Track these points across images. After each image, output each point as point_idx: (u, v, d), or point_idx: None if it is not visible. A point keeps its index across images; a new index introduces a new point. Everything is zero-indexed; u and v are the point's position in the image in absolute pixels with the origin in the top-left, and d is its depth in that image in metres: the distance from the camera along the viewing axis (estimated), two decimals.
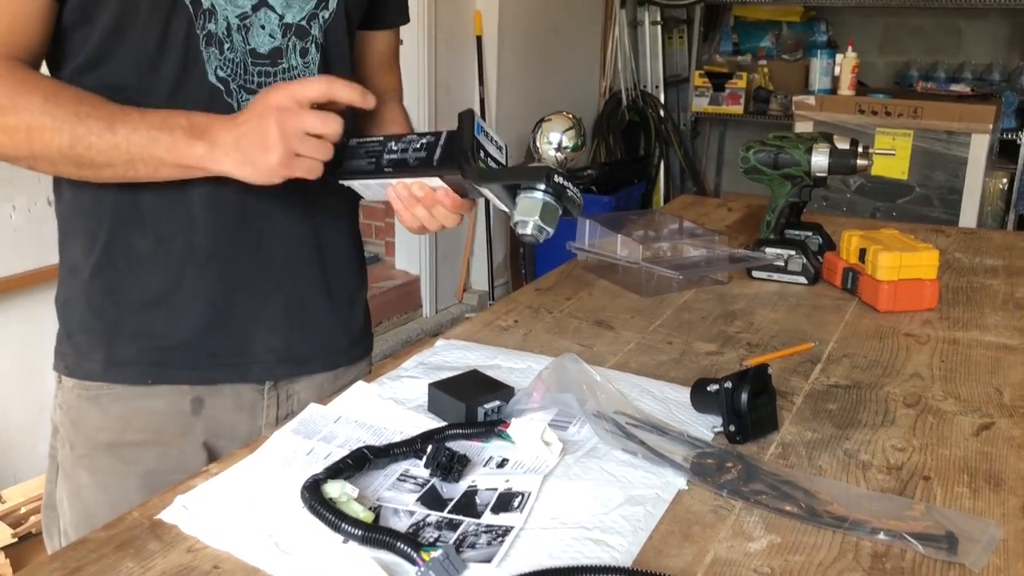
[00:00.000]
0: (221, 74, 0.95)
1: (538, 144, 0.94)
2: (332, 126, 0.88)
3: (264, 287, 1.04)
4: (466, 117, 0.91)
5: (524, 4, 4.01)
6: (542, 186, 0.87)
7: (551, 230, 0.88)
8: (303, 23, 0.98)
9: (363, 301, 1.18)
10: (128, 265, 0.99)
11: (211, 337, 1.02)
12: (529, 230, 0.87)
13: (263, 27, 0.95)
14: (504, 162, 0.94)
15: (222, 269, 1.01)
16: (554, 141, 0.92)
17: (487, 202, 0.88)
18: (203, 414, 1.04)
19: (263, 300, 1.04)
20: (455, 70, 3.79)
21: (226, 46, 0.94)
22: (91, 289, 1.01)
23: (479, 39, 3.85)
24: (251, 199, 0.98)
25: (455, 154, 0.90)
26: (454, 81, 3.79)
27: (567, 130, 0.91)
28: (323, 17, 1.00)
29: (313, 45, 1.00)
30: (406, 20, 1.18)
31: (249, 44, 0.95)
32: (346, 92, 0.89)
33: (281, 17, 0.96)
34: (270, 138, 0.86)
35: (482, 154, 0.90)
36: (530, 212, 0.87)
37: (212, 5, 0.92)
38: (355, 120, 1.07)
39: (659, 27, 4.82)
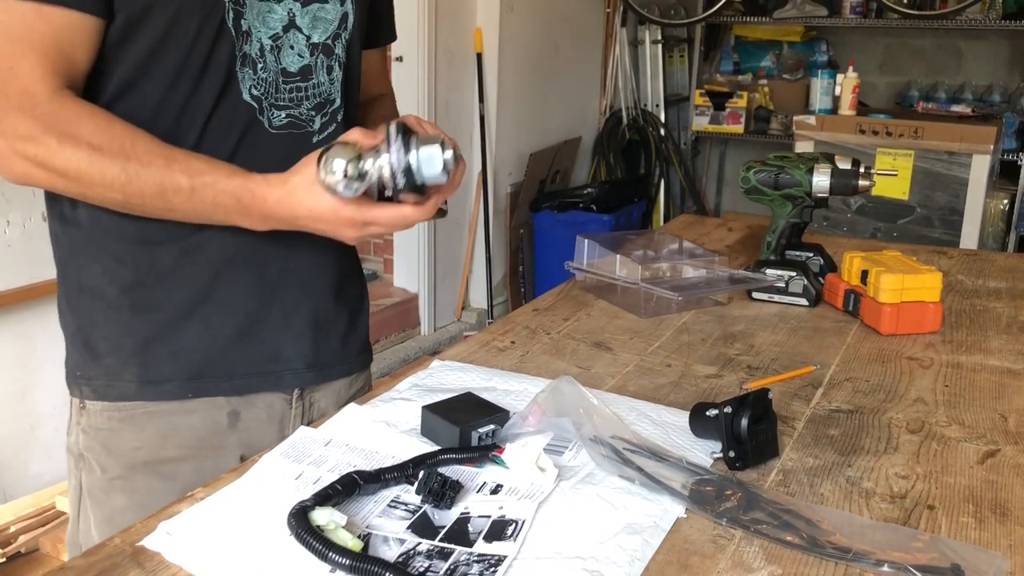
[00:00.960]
0: (255, 92, 0.97)
1: (322, 173, 0.94)
2: (406, 226, 0.94)
3: (293, 295, 1.06)
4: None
5: (525, 22, 4.02)
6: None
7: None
8: (328, 42, 1.02)
9: (367, 310, 1.22)
10: (157, 281, 1.00)
11: (245, 347, 1.04)
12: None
13: (292, 47, 0.99)
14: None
15: (253, 278, 1.03)
16: (338, 170, 0.91)
17: (486, 216, 0.85)
18: (239, 427, 1.05)
19: (292, 308, 1.06)
20: (455, 87, 3.79)
21: (259, 66, 0.97)
22: (119, 309, 1.00)
23: (479, 56, 3.85)
24: None
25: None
26: (454, 98, 3.79)
27: (351, 160, 0.91)
28: (344, 38, 1.04)
29: (336, 63, 1.04)
30: (395, 37, 1.25)
31: (281, 63, 0.99)
32: (421, 214, 0.95)
33: (308, 38, 1.00)
34: (345, 237, 0.95)
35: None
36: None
37: (249, 28, 0.95)
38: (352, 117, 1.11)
39: (660, 46, 4.83)
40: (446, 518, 0.79)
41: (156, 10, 0.89)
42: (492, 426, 0.93)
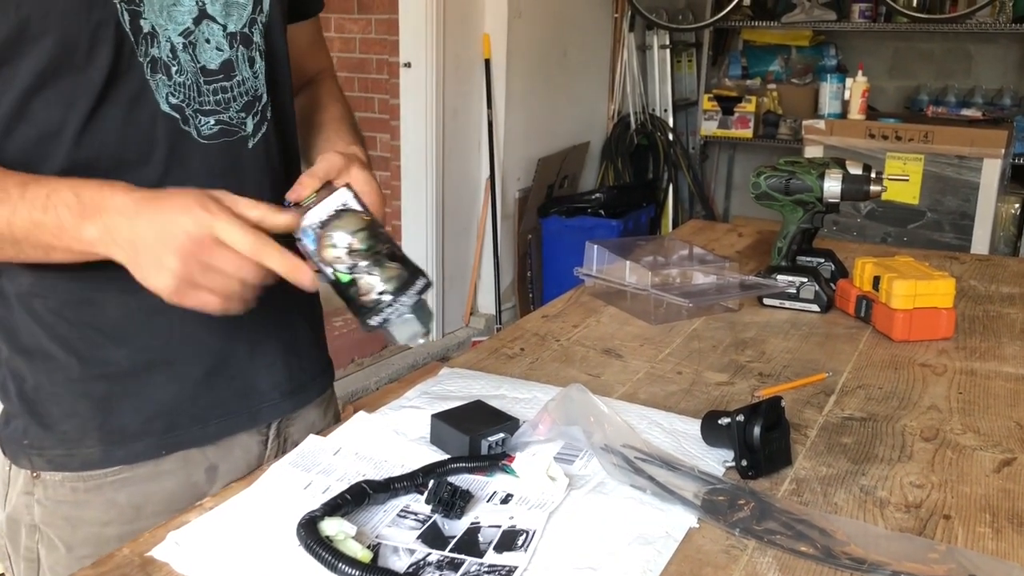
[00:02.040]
0: (174, 101, 0.86)
1: (322, 247, 0.88)
2: (247, 272, 0.76)
3: (259, 323, 0.95)
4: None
5: (533, 27, 4.02)
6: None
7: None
8: (246, 31, 0.91)
9: (322, 319, 1.12)
10: (105, 338, 0.89)
11: (214, 387, 0.94)
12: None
13: (208, 41, 0.87)
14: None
15: (214, 316, 0.87)
16: (341, 244, 0.87)
17: (494, 222, 0.82)
18: (217, 482, 0.95)
19: (261, 337, 0.97)
20: (463, 93, 3.78)
21: (174, 69, 0.85)
22: (67, 368, 0.89)
23: (487, 62, 3.85)
24: None
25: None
26: (462, 104, 3.79)
27: (357, 231, 0.86)
28: (261, 22, 0.92)
29: (258, 53, 0.92)
30: (322, 7, 1.11)
31: (199, 62, 0.87)
32: (277, 265, 0.78)
33: (224, 27, 0.88)
34: (166, 261, 0.75)
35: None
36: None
37: (152, 27, 0.83)
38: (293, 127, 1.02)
39: (668, 51, 4.81)
40: (456, 528, 0.79)
41: (32, 28, 0.77)
42: (502, 434, 0.92)
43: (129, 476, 0.91)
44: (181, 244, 0.74)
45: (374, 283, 0.83)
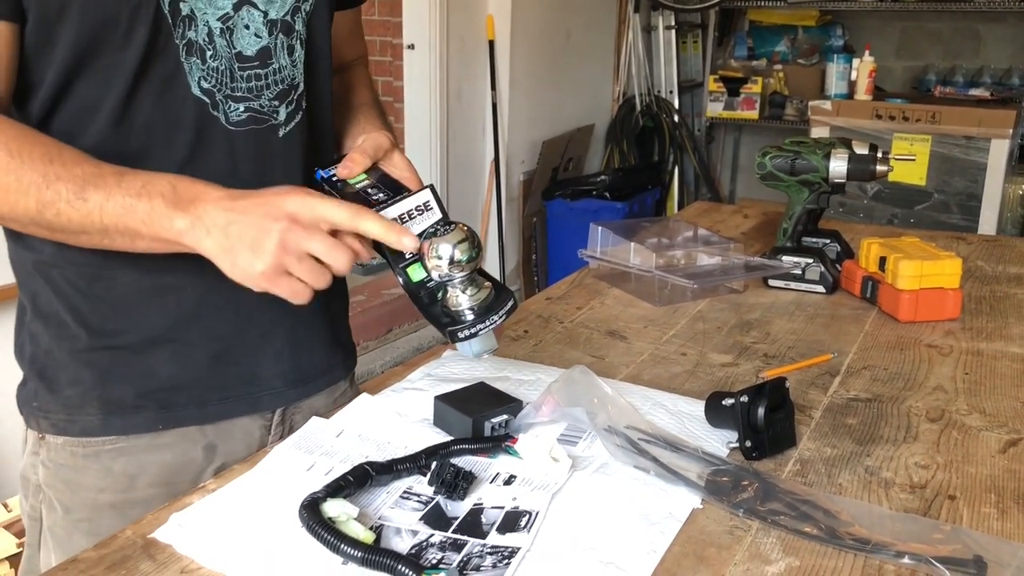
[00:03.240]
0: (205, 85, 0.86)
1: (427, 259, 0.89)
2: (341, 260, 0.78)
3: (271, 315, 0.95)
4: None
5: (537, 8, 3.99)
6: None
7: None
8: (287, 18, 0.90)
9: (347, 310, 1.12)
10: (116, 312, 0.90)
11: (218, 371, 0.94)
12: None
13: (247, 27, 0.87)
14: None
15: (228, 305, 0.92)
16: (444, 256, 0.88)
17: (499, 204, 0.82)
18: (215, 462, 0.95)
19: (271, 327, 0.96)
20: (467, 75, 3.77)
21: (208, 53, 0.85)
22: (76, 338, 0.90)
23: (491, 43, 3.83)
24: None
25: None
26: (466, 86, 3.77)
27: (460, 243, 0.87)
28: (305, 10, 0.92)
29: (298, 41, 0.92)
30: None
31: (235, 48, 0.87)
32: (376, 229, 0.81)
33: (265, 14, 0.88)
34: (266, 242, 0.76)
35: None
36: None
37: (191, 11, 0.83)
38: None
39: (673, 32, 4.78)
40: (459, 509, 0.79)
41: (75, 5, 0.78)
42: (505, 416, 0.92)
43: (125, 446, 0.92)
44: (284, 225, 0.76)
45: (463, 300, 0.85)
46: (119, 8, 0.79)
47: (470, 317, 0.85)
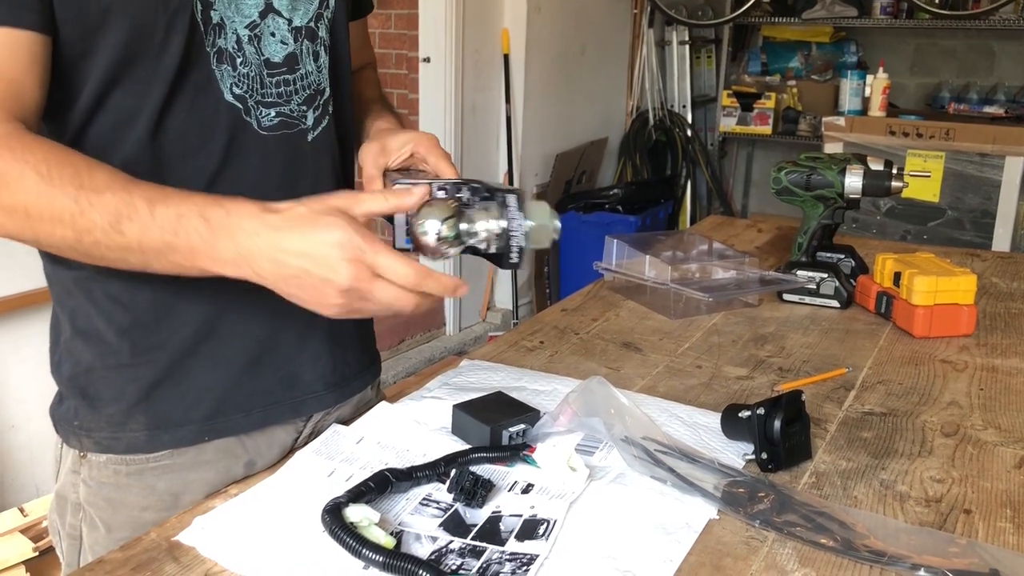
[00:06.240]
0: (237, 91, 0.87)
1: (414, 228, 0.90)
2: (405, 304, 0.77)
3: (307, 314, 0.92)
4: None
5: (552, 23, 4.02)
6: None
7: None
8: (311, 25, 0.92)
9: (372, 318, 1.11)
10: (157, 319, 0.90)
11: (259, 376, 0.94)
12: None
13: (273, 34, 0.89)
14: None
15: (261, 303, 0.90)
16: (431, 230, 0.89)
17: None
18: (255, 474, 0.95)
19: (307, 327, 0.96)
20: (482, 88, 3.79)
21: (239, 60, 0.87)
22: (119, 353, 0.90)
23: (506, 57, 3.85)
24: None
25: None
26: (480, 99, 3.79)
27: (447, 219, 0.88)
28: (327, 16, 0.94)
29: (322, 48, 0.93)
30: (374, 6, 1.15)
31: (263, 54, 0.88)
32: (412, 202, 0.82)
33: (289, 21, 0.90)
34: (329, 297, 0.75)
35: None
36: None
37: (221, 19, 0.85)
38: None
39: (687, 47, 4.80)
40: (477, 517, 0.79)
41: (115, 15, 0.79)
42: (523, 425, 0.93)
43: (170, 463, 0.92)
44: (348, 277, 0.74)
45: (479, 229, 0.84)
46: (156, 16, 0.80)
47: (505, 242, 0.84)
